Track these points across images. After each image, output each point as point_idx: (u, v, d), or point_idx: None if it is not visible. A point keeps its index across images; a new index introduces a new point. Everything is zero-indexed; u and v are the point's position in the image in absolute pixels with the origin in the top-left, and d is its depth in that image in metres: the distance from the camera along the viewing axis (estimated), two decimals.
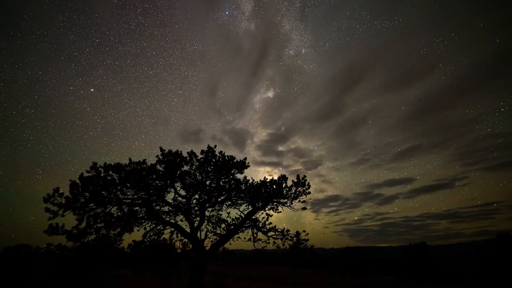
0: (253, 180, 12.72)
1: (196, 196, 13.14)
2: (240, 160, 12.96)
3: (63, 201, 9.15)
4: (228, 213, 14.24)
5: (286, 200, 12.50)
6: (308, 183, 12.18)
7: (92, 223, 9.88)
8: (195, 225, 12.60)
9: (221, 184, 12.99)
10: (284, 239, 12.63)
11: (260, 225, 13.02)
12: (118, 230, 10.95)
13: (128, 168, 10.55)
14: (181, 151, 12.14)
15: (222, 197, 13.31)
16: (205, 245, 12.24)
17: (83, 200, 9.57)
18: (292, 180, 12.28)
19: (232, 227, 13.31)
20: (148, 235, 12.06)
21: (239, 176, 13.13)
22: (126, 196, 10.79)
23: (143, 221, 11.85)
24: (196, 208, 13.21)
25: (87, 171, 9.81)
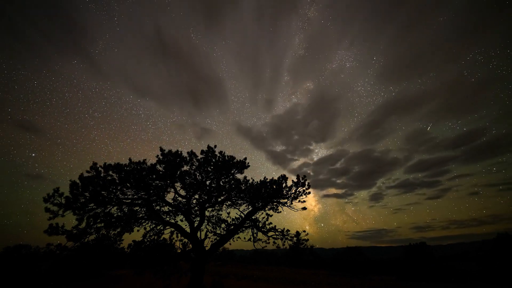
0: (253, 180, 12.75)
1: (196, 196, 13.13)
2: (240, 160, 12.96)
3: (63, 201, 9.16)
4: (228, 213, 14.25)
5: (286, 200, 12.52)
6: (308, 183, 12.18)
7: (92, 223, 9.89)
8: (195, 225, 12.60)
9: (221, 184, 12.98)
10: (284, 239, 12.61)
11: (260, 225, 13.01)
12: (118, 230, 10.95)
13: (128, 168, 10.55)
14: (181, 151, 12.16)
15: (222, 197, 13.30)
16: (205, 245, 12.24)
17: (83, 200, 9.58)
18: (292, 180, 12.29)
19: (232, 227, 13.31)
20: (148, 235, 12.04)
21: (239, 176, 13.15)
22: (126, 196, 10.79)
23: (143, 221, 11.85)
24: (196, 208, 13.21)
25: (87, 171, 9.82)
